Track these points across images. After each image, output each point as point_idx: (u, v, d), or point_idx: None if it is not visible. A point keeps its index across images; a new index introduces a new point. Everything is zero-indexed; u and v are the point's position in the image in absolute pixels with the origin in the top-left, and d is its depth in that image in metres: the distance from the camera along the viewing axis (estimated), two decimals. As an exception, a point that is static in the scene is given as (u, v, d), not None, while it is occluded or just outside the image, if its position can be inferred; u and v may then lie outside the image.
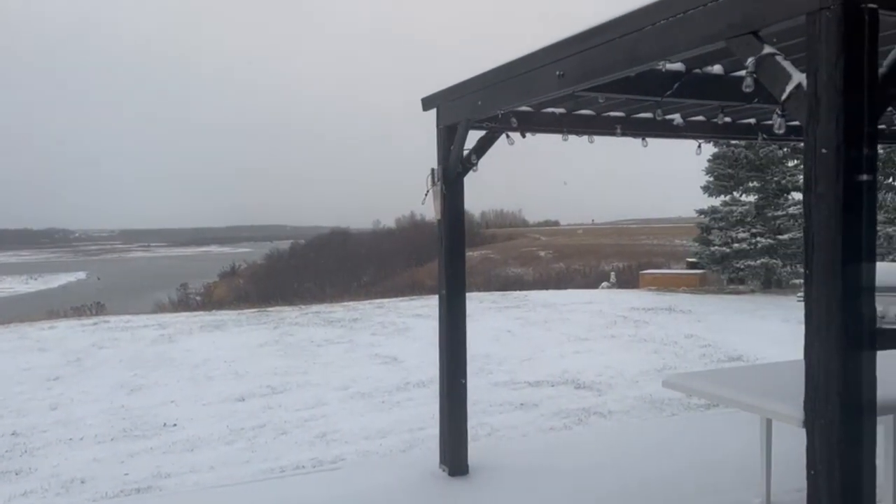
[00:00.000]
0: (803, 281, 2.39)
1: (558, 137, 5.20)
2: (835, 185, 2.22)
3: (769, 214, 23.01)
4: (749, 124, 5.67)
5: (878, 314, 6.04)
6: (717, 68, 4.05)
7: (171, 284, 43.46)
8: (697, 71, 4.03)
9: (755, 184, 23.20)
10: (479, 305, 18.41)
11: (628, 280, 30.58)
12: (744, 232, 22.82)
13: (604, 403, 8.52)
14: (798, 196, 22.34)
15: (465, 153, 4.87)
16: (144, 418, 8.43)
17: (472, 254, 55.72)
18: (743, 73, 2.59)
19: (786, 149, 21.69)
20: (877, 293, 6.12)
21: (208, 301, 34.81)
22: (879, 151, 17.86)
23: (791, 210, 22.08)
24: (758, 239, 22.47)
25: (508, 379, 10.03)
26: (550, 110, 5.01)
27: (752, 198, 23.48)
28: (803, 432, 2.38)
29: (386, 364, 11.33)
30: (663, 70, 3.56)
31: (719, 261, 23.28)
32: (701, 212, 24.33)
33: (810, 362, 2.33)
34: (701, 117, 5.35)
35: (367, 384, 9.86)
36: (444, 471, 4.95)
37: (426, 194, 5.07)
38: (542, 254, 57.98)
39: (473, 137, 4.92)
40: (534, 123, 4.99)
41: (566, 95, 4.11)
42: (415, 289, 31.03)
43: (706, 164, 23.43)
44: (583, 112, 5.09)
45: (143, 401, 9.29)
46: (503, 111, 4.55)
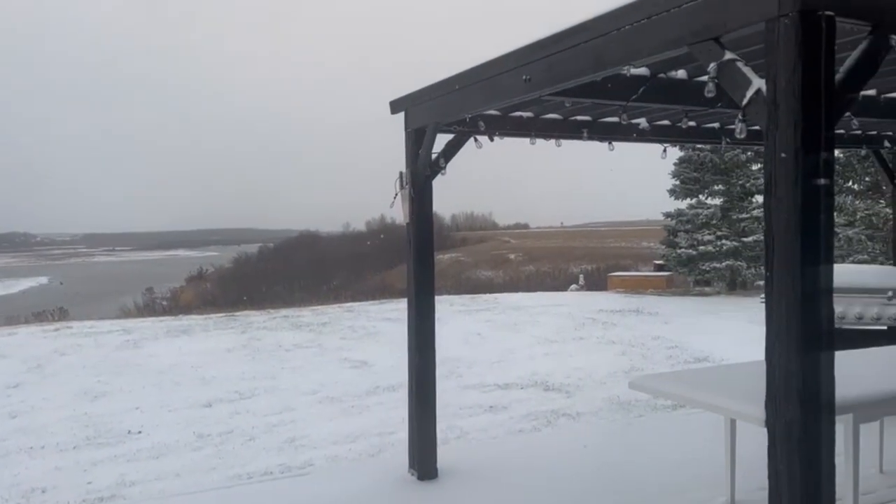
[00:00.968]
0: (764, 282, 2.43)
1: (527, 141, 5.23)
2: (794, 188, 2.26)
3: (734, 217, 23.40)
4: (713, 128, 5.76)
5: (839, 315, 6.16)
6: (681, 73, 4.11)
7: (136, 289, 42.75)
8: (662, 76, 4.09)
9: (720, 187, 23.58)
10: (449, 308, 18.42)
11: (597, 282, 30.84)
12: (709, 234, 23.17)
13: (572, 405, 8.58)
14: (762, 199, 22.74)
15: (434, 156, 4.87)
16: (108, 425, 8.27)
17: (442, 257, 55.72)
18: (706, 78, 2.63)
19: (750, 153, 22.08)
20: (838, 295, 6.22)
21: (175, 306, 34.31)
22: (839, 156, 18.29)
23: (755, 213, 22.48)
24: (723, 241, 22.83)
25: (478, 382, 10.05)
26: (518, 114, 5.04)
27: (717, 201, 23.87)
28: (766, 432, 2.42)
29: (355, 368, 11.27)
30: (628, 75, 3.58)
31: (686, 263, 23.61)
32: (667, 214, 24.65)
33: (771, 363, 2.37)
34: (666, 121, 5.42)
35: (337, 388, 9.80)
36: (413, 475, 4.93)
37: (395, 198, 5.06)
38: (512, 256, 58.23)
39: (442, 141, 4.92)
40: (502, 127, 5.01)
41: (533, 99, 4.13)
42: (385, 292, 30.91)
43: (672, 168, 23.76)
44: (550, 116, 5.13)
45: (107, 407, 9.13)
46: (471, 115, 4.57)
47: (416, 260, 5.00)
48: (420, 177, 4.92)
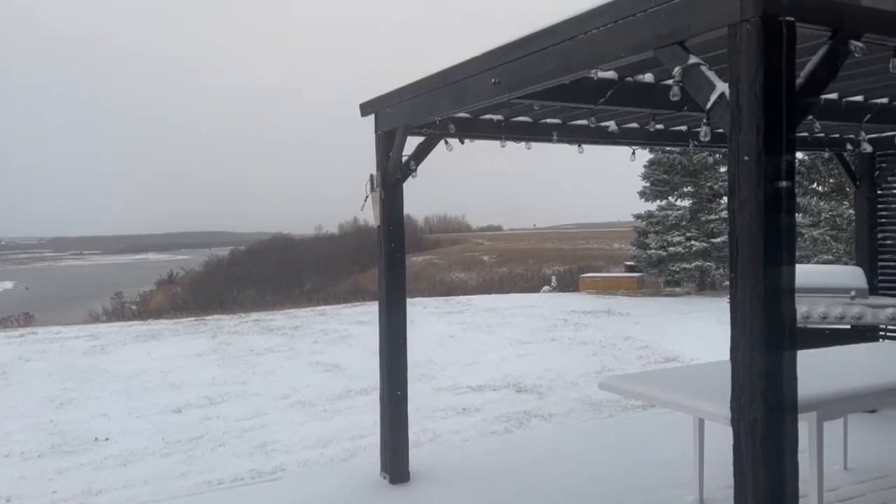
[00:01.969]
0: (729, 283, 2.46)
1: (498, 143, 5.24)
2: (756, 191, 2.30)
3: (703, 219, 23.73)
4: (681, 131, 5.83)
5: (804, 314, 6.26)
6: (648, 77, 4.15)
7: (104, 294, 42.05)
8: (629, 79, 4.13)
9: (689, 189, 23.90)
10: (422, 311, 18.41)
11: (569, 283, 31.03)
12: (679, 236, 23.46)
13: (544, 406, 8.62)
14: (730, 201, 23.07)
15: (404, 159, 4.86)
16: (75, 433, 8.13)
17: (416, 259, 55.69)
18: (671, 81, 2.66)
19: (717, 155, 22.39)
20: (803, 294, 6.31)
21: (144, 310, 33.80)
22: (804, 158, 18.61)
23: (723, 214, 22.82)
24: (692, 242, 23.13)
25: (451, 384, 10.05)
26: (489, 117, 5.05)
27: (686, 202, 24.19)
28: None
29: (328, 372, 11.21)
30: (595, 78, 3.62)
31: (656, 264, 23.87)
32: (638, 216, 24.92)
33: (736, 362, 2.40)
34: (634, 124, 5.47)
35: (309, 393, 9.74)
36: (385, 478, 4.92)
37: (365, 200, 5.04)
38: (485, 258, 58.35)
39: (413, 143, 4.92)
40: (472, 130, 5.02)
41: (502, 102, 4.15)
42: (358, 295, 30.81)
43: (642, 170, 24.03)
44: (520, 119, 5.15)
45: (73, 415, 8.96)
46: (441, 117, 4.57)
47: (388, 262, 4.99)
48: (391, 179, 4.91)
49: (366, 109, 5.09)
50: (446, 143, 4.97)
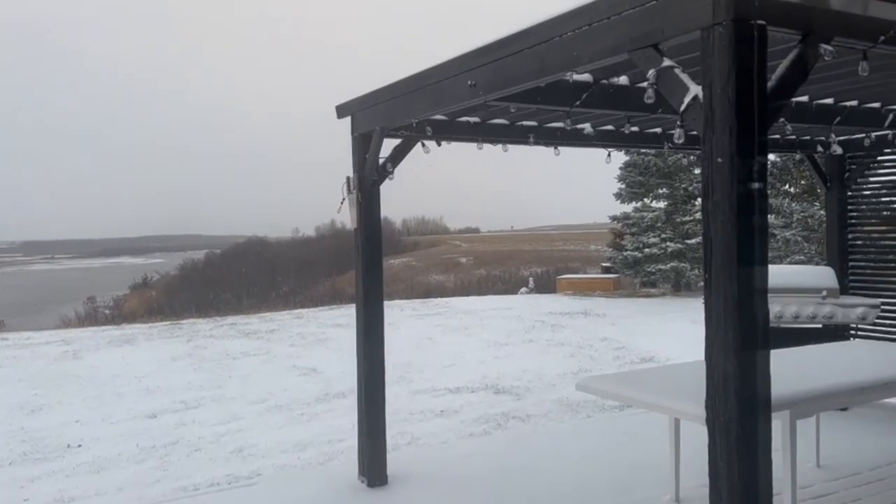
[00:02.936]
0: (703, 284, 2.49)
1: (475, 145, 5.25)
2: (730, 192, 2.32)
3: (678, 220, 23.96)
4: (655, 133, 5.88)
5: (777, 314, 6.34)
6: (623, 79, 4.18)
7: (77, 298, 41.43)
8: (604, 82, 4.16)
9: (664, 190, 24.12)
10: (400, 313, 18.38)
11: (546, 285, 31.17)
12: (654, 237, 23.66)
13: (522, 408, 8.64)
14: (704, 202, 23.32)
15: (381, 161, 4.85)
16: (46, 440, 7.99)
17: (393, 261, 55.61)
18: (646, 84, 2.68)
19: (692, 157, 22.64)
20: (776, 294, 6.39)
21: (118, 315, 33.36)
22: (776, 160, 18.87)
23: (698, 216, 23.06)
24: (668, 244, 23.34)
25: (429, 386, 10.03)
26: (465, 119, 5.06)
27: (661, 204, 24.41)
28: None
29: (305, 375, 11.14)
30: (571, 81, 3.65)
31: (632, 265, 24.06)
32: (614, 218, 25.10)
33: (710, 362, 2.42)
34: (610, 126, 5.51)
35: (286, 396, 9.67)
36: (362, 482, 4.90)
37: (342, 202, 5.03)
38: (463, 260, 58.42)
39: (389, 145, 4.91)
40: (449, 132, 5.03)
41: (479, 105, 4.15)
42: (335, 298, 30.68)
43: (618, 172, 24.21)
44: (497, 121, 5.17)
45: (44, 421, 8.81)
46: (417, 119, 4.57)
47: (365, 265, 4.97)
48: (367, 182, 4.90)
49: (342, 111, 5.07)
50: (423, 145, 4.97)
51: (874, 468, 4.77)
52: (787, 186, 20.53)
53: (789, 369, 3.83)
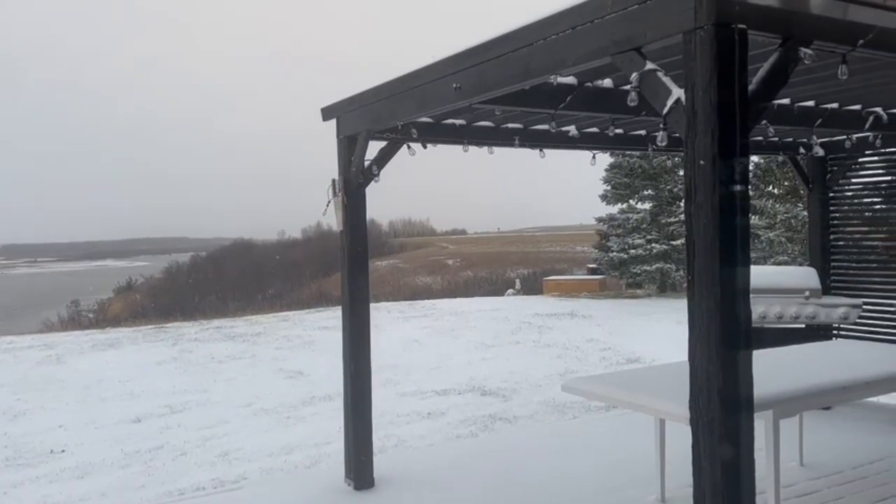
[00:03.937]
0: (686, 285, 2.51)
1: (460, 148, 5.26)
2: (712, 194, 2.35)
3: (663, 221, 24.10)
4: (640, 135, 5.92)
5: (761, 314, 6.38)
6: (606, 82, 4.20)
7: (60, 302, 41.00)
8: (589, 84, 4.17)
9: (649, 192, 24.26)
10: (387, 315, 18.36)
11: (533, 286, 31.26)
12: (640, 238, 23.79)
13: (509, 409, 8.66)
14: (689, 203, 23.50)
15: (367, 164, 4.85)
16: (29, 445, 7.92)
17: (380, 263, 55.54)
18: (629, 87, 2.70)
19: (676, 158, 22.78)
20: (760, 295, 6.43)
21: (102, 318, 33.11)
22: (759, 161, 19.01)
23: (683, 217, 23.15)
24: (653, 245, 23.48)
25: (416, 389, 10.03)
26: (451, 121, 5.06)
27: (646, 205, 24.55)
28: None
29: (291, 378, 11.10)
30: (555, 83, 3.65)
31: (618, 266, 24.18)
32: (600, 219, 25.22)
33: (694, 363, 2.44)
34: (594, 129, 5.53)
35: (272, 400, 9.64)
36: (349, 485, 4.89)
37: (327, 205, 5.01)
38: (449, 262, 58.45)
39: (375, 148, 4.91)
40: (434, 134, 5.03)
41: (464, 107, 4.16)
42: (322, 300, 30.60)
43: (604, 174, 24.33)
44: (482, 124, 5.18)
45: (27, 427, 8.73)
46: (403, 122, 4.57)
47: (351, 267, 4.96)
48: (353, 184, 4.89)
49: (327, 114, 5.06)
50: (409, 147, 4.97)
51: (856, 467, 4.82)
52: (770, 188, 20.69)
53: (772, 369, 3.87)
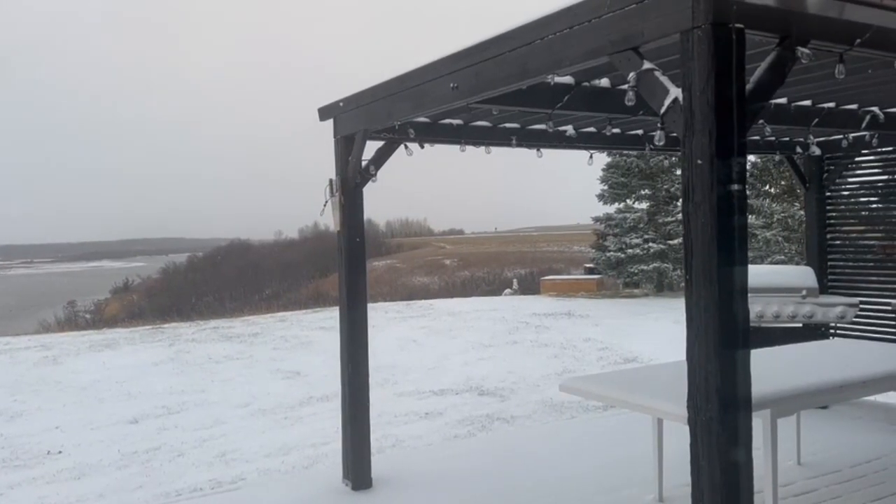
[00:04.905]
0: (684, 285, 2.51)
1: (458, 148, 5.25)
2: (710, 194, 2.35)
3: (660, 221, 24.12)
4: (637, 135, 5.92)
5: (758, 314, 6.38)
6: (604, 82, 4.20)
7: (57, 303, 40.98)
8: (586, 84, 4.17)
9: (647, 192, 24.28)
10: (384, 315, 18.35)
11: (530, 286, 31.27)
12: (637, 238, 23.81)
13: (507, 409, 8.66)
14: (686, 203, 23.55)
15: (364, 164, 4.84)
16: (26, 446, 7.90)
17: (378, 263, 55.54)
18: (627, 86, 2.70)
19: (673, 158, 22.81)
20: (757, 294, 6.43)
21: (99, 319, 33.06)
22: (756, 161, 19.05)
23: (680, 216, 23.11)
24: (650, 244, 23.49)
25: (413, 389, 10.03)
26: (448, 121, 5.06)
27: (643, 205, 24.56)
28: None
29: (288, 379, 11.09)
30: (552, 83, 3.66)
31: (615, 266, 24.19)
32: (597, 219, 25.23)
33: (692, 362, 2.44)
34: (592, 128, 5.53)
35: (269, 400, 9.62)
36: (347, 485, 4.88)
37: (325, 205, 5.01)
38: (447, 262, 58.44)
39: (372, 148, 4.91)
40: (432, 134, 5.02)
41: (462, 107, 4.16)
42: (319, 301, 30.59)
43: (601, 173, 24.34)
44: (479, 123, 5.18)
45: (24, 428, 8.71)
46: (400, 122, 4.57)
47: (348, 268, 4.96)
48: (350, 184, 4.89)
49: (324, 114, 5.05)
50: (406, 147, 4.97)
51: (854, 465, 4.82)
52: (767, 187, 20.75)
53: (770, 368, 3.87)
